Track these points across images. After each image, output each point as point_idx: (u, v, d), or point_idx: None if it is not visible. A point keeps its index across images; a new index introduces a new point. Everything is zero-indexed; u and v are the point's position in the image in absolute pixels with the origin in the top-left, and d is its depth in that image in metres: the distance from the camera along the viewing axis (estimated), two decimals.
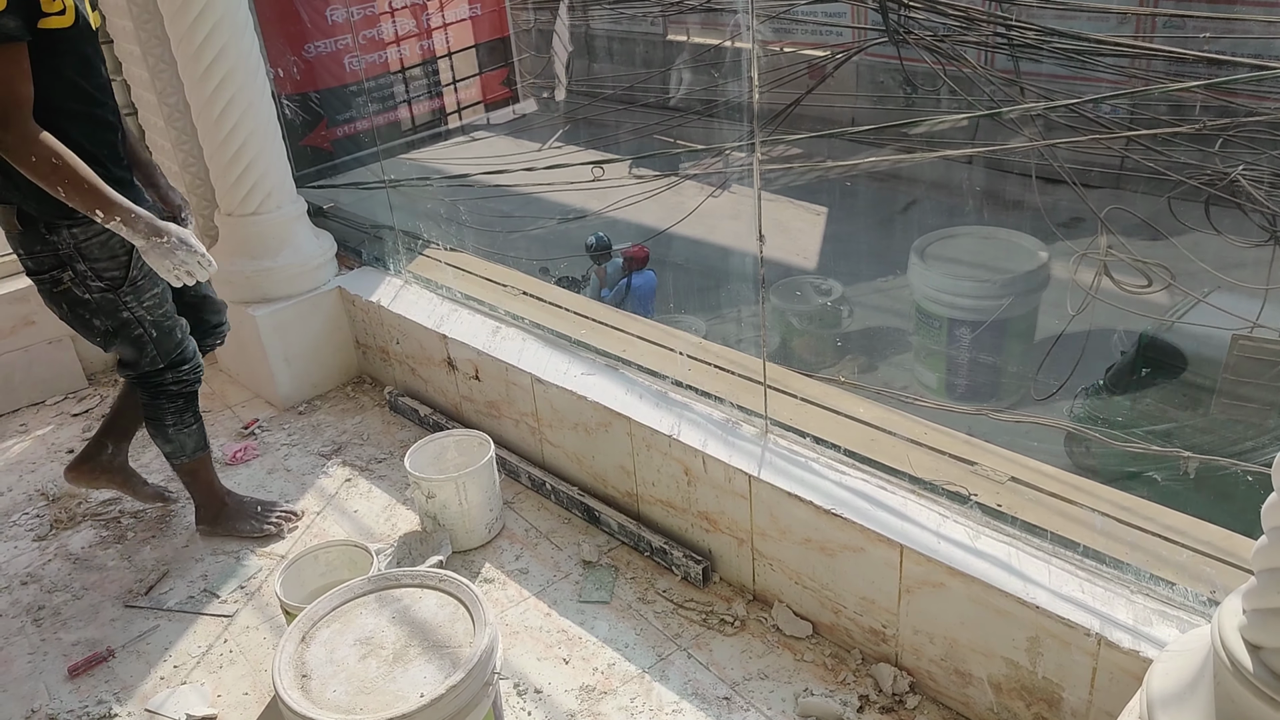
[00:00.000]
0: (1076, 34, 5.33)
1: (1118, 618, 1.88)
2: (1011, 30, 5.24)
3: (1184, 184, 4.74)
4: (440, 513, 2.73)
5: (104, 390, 3.98)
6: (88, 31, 2.31)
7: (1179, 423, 4.27)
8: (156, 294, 2.54)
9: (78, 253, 2.40)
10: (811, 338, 7.29)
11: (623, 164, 8.31)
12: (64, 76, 2.28)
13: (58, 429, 3.74)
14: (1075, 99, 5.20)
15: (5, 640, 2.65)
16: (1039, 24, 5.27)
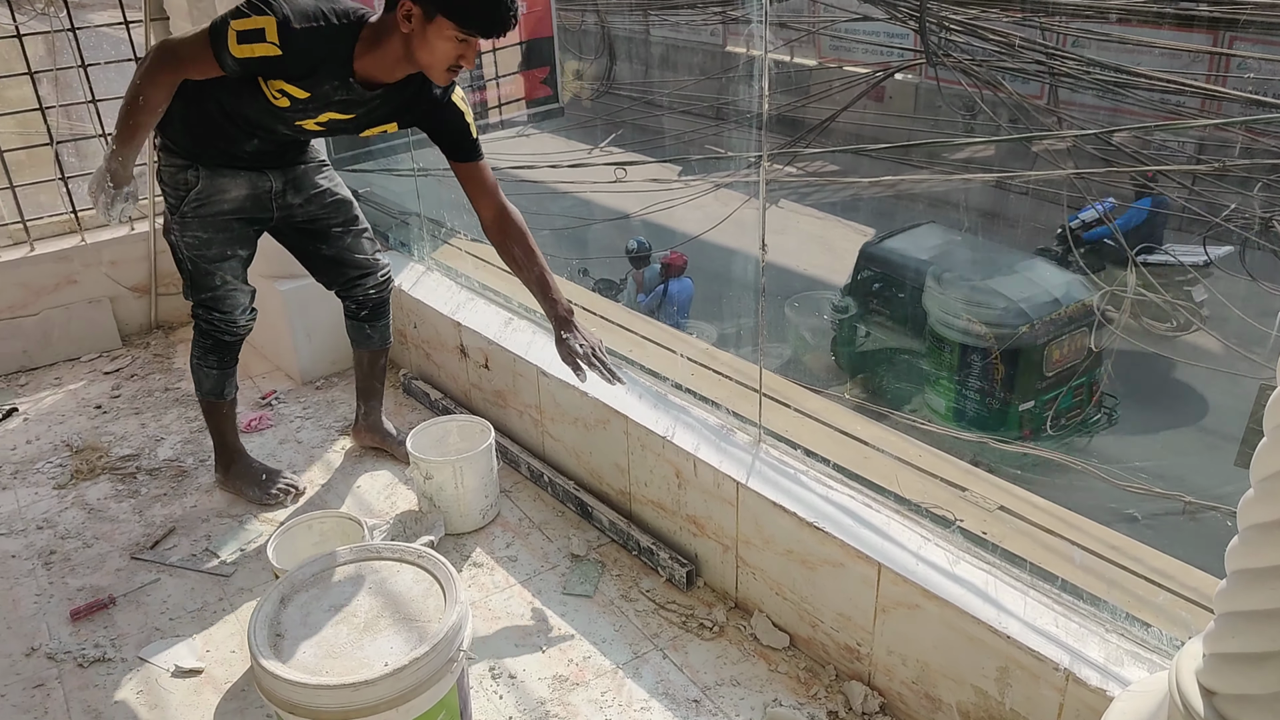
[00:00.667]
0: (1116, 66, 5.27)
1: (1089, 655, 1.87)
2: (1052, 59, 5.20)
3: (1218, 225, 4.67)
4: (436, 494, 2.77)
5: (136, 351, 4.09)
6: (289, 124, 2.50)
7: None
8: (201, 237, 2.70)
9: (159, 175, 2.70)
10: (823, 353, 7.26)
11: (665, 167, 8.36)
12: (241, 103, 2.47)
13: (89, 385, 3.84)
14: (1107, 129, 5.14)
15: (16, 580, 2.75)
16: (1081, 55, 5.23)
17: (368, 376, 3.19)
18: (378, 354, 3.17)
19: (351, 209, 2.92)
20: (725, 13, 8.92)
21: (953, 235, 7.32)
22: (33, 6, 3.91)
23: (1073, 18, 5.93)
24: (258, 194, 2.70)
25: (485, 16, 2.22)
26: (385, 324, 3.13)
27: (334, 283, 3.01)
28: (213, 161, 2.62)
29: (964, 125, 8.28)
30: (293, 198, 2.78)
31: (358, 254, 2.95)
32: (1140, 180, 6.25)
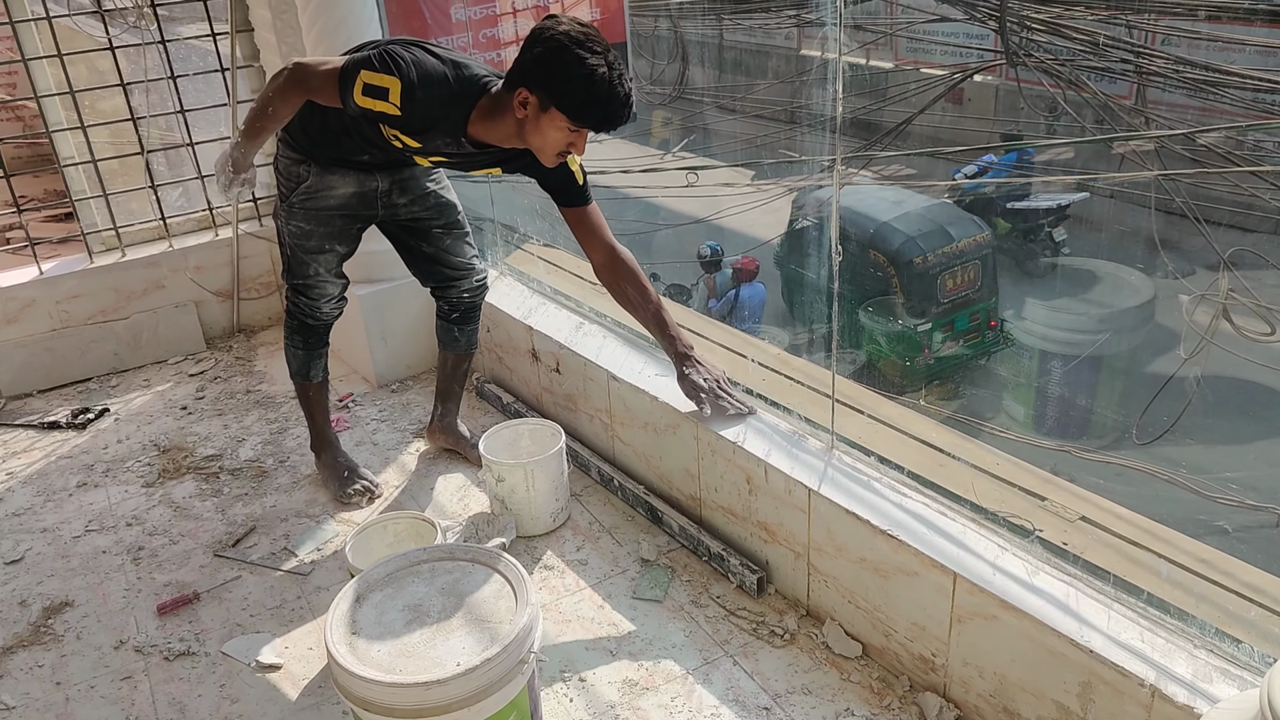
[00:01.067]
0: (1205, 64, 5.09)
1: (1176, 671, 1.80)
2: (1139, 57, 5.04)
3: None
4: (508, 497, 2.79)
5: (220, 354, 4.21)
6: (407, 158, 2.64)
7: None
8: (304, 228, 2.81)
9: (275, 164, 2.82)
10: (899, 359, 7.17)
11: (737, 172, 8.33)
12: (363, 129, 2.56)
13: (175, 386, 3.97)
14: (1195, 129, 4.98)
15: (106, 575, 2.84)
16: (1170, 53, 5.07)
17: (449, 379, 3.24)
18: (462, 358, 3.23)
19: (455, 212, 2.99)
20: (799, 16, 8.88)
21: (904, 193, 7.57)
22: (125, 20, 4.04)
23: (1161, 15, 5.76)
24: (364, 192, 2.79)
25: (599, 116, 2.26)
26: (474, 329, 3.19)
27: (429, 280, 3.09)
28: (326, 160, 2.73)
29: (1046, 127, 8.09)
30: (398, 198, 2.85)
31: (456, 256, 3.02)
32: (1012, 134, 6.96)
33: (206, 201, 4.32)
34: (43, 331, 3.98)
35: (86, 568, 2.89)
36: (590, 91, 2.19)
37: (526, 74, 2.25)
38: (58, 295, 4.00)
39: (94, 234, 4.14)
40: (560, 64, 2.19)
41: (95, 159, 4.04)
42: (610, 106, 2.23)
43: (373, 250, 3.62)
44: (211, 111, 4.32)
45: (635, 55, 5.00)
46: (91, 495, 3.25)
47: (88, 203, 4.14)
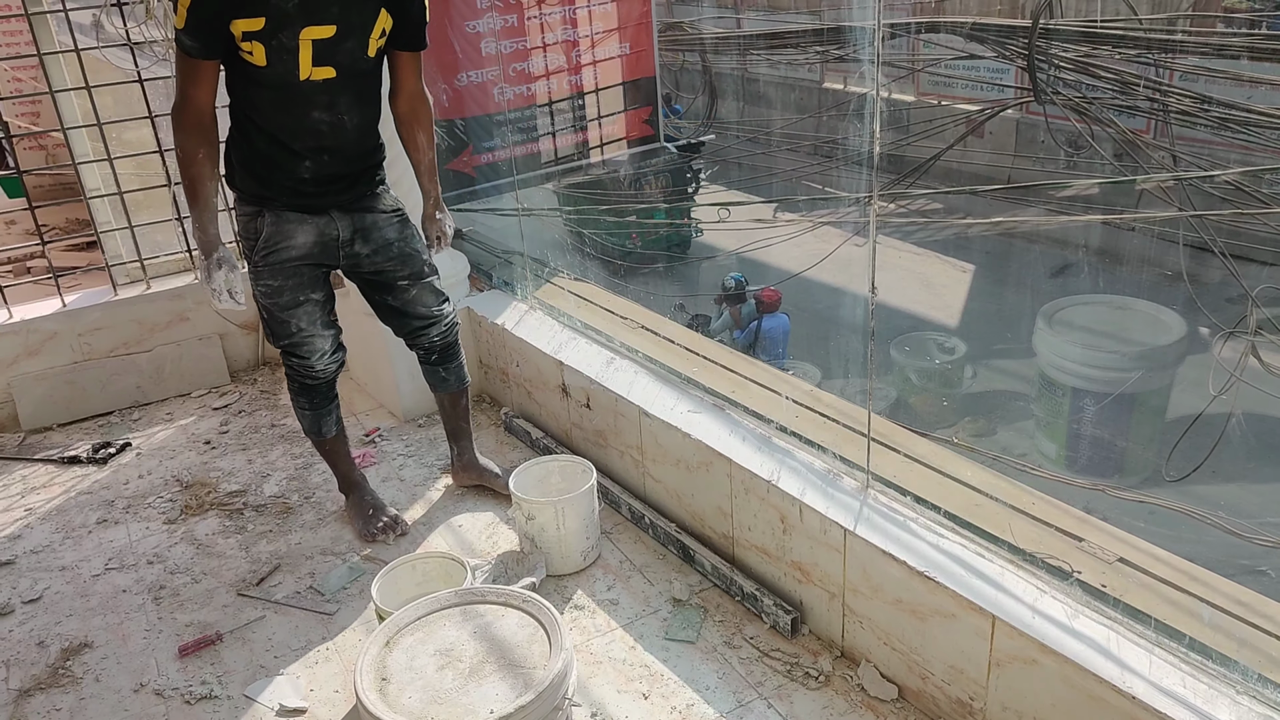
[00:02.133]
0: (1232, 102, 5.11)
1: (1219, 718, 1.78)
2: (1167, 96, 5.06)
3: None
4: (538, 535, 2.78)
5: (244, 388, 4.22)
6: (291, 80, 2.53)
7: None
8: (273, 285, 2.76)
9: (234, 229, 2.81)
10: (931, 396, 7.16)
11: (763, 205, 8.39)
12: (257, 99, 2.58)
13: (199, 420, 3.98)
14: (1221, 170, 4.99)
15: (126, 615, 2.83)
16: (1196, 90, 5.08)
17: (452, 418, 3.25)
18: (457, 395, 3.21)
19: (418, 263, 2.94)
20: (828, 51, 8.98)
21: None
22: (154, 52, 4.09)
23: (1183, 53, 5.79)
24: (325, 241, 2.75)
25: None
26: (458, 364, 3.17)
27: (400, 331, 3.07)
28: (279, 203, 2.69)
29: (1067, 161, 8.12)
30: (360, 247, 2.81)
31: (422, 306, 2.99)
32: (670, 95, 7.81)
33: (233, 233, 4.35)
34: (64, 364, 4.00)
35: (106, 607, 2.87)
36: None
37: None
38: (80, 327, 4.02)
39: (118, 265, 4.17)
40: None
41: (121, 190, 4.08)
42: None
43: None
44: None
45: (663, 88, 5.03)
46: (112, 532, 3.24)
47: (113, 234, 4.17)
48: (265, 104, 2.58)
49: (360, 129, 2.72)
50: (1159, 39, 5.64)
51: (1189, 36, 6.31)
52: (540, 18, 4.33)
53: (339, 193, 2.75)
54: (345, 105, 2.64)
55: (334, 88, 2.59)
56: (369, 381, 4.04)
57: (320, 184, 2.71)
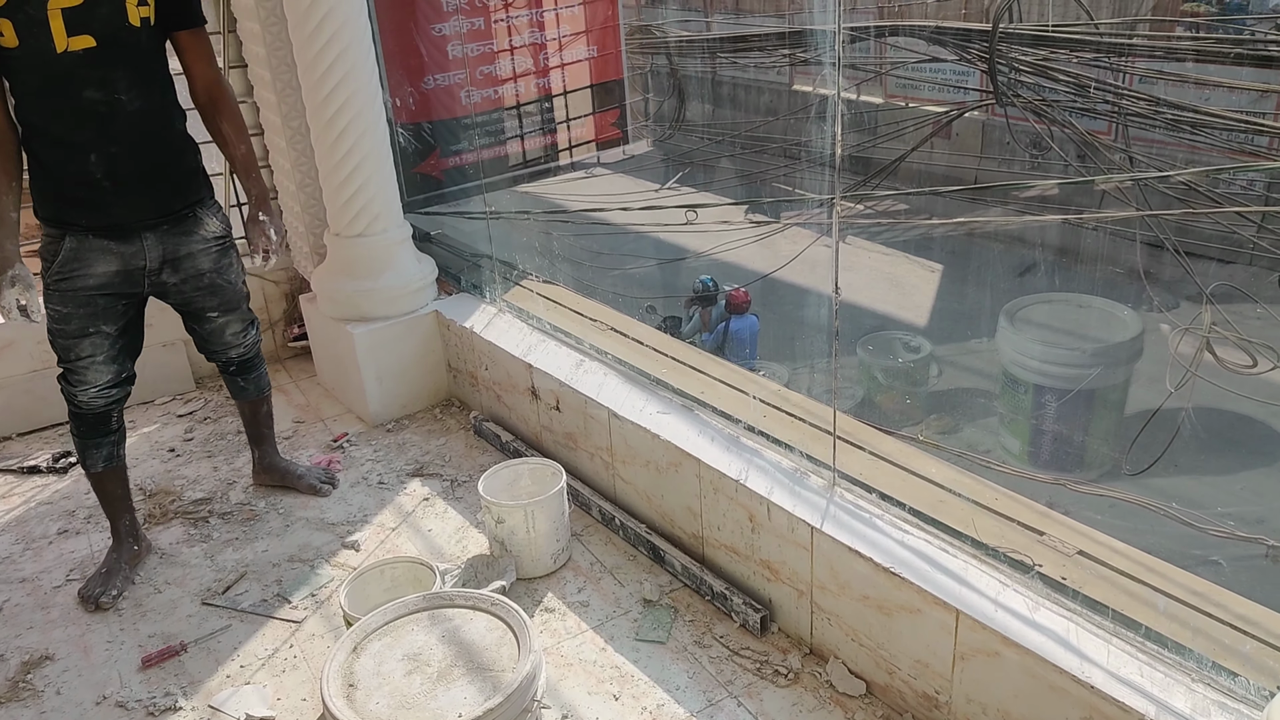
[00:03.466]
0: (1189, 105, 5.21)
1: (1175, 705, 1.82)
2: (1121, 98, 5.16)
3: None
4: (508, 539, 2.79)
5: (209, 394, 4.19)
6: (49, 55, 2.43)
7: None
8: (61, 311, 2.68)
9: (40, 240, 2.68)
10: (896, 394, 7.25)
11: (733, 207, 8.44)
12: (26, 93, 2.49)
13: (163, 428, 3.94)
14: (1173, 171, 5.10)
15: (88, 627, 2.79)
16: (1150, 94, 5.18)
17: (253, 424, 3.26)
18: (258, 403, 3.22)
19: (230, 294, 2.89)
20: (794, 55, 9.05)
21: None
22: None
23: (1140, 57, 5.91)
24: (129, 271, 2.67)
25: None
26: (258, 374, 3.16)
27: (201, 350, 3.07)
28: (83, 225, 2.59)
29: (1032, 162, 8.24)
30: (169, 277, 2.75)
31: (227, 333, 2.99)
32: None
33: None
34: (22, 373, 3.94)
35: (67, 619, 2.83)
36: None
37: None
38: (38, 335, 3.94)
39: None
40: None
41: None
42: None
43: (365, 288, 3.67)
44: (203, 147, 4.33)
45: (632, 91, 5.06)
46: (73, 543, 3.20)
47: None
48: (32, 95, 2.47)
49: (146, 114, 2.57)
50: (1116, 43, 5.75)
51: (1146, 40, 6.43)
52: (507, 21, 4.35)
53: (147, 207, 2.64)
54: (121, 84, 2.51)
55: (101, 60, 2.47)
56: (336, 386, 4.03)
57: (120, 190, 2.59)
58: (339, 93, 3.38)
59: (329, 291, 3.76)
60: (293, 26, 3.38)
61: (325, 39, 3.30)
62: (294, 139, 3.93)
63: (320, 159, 3.58)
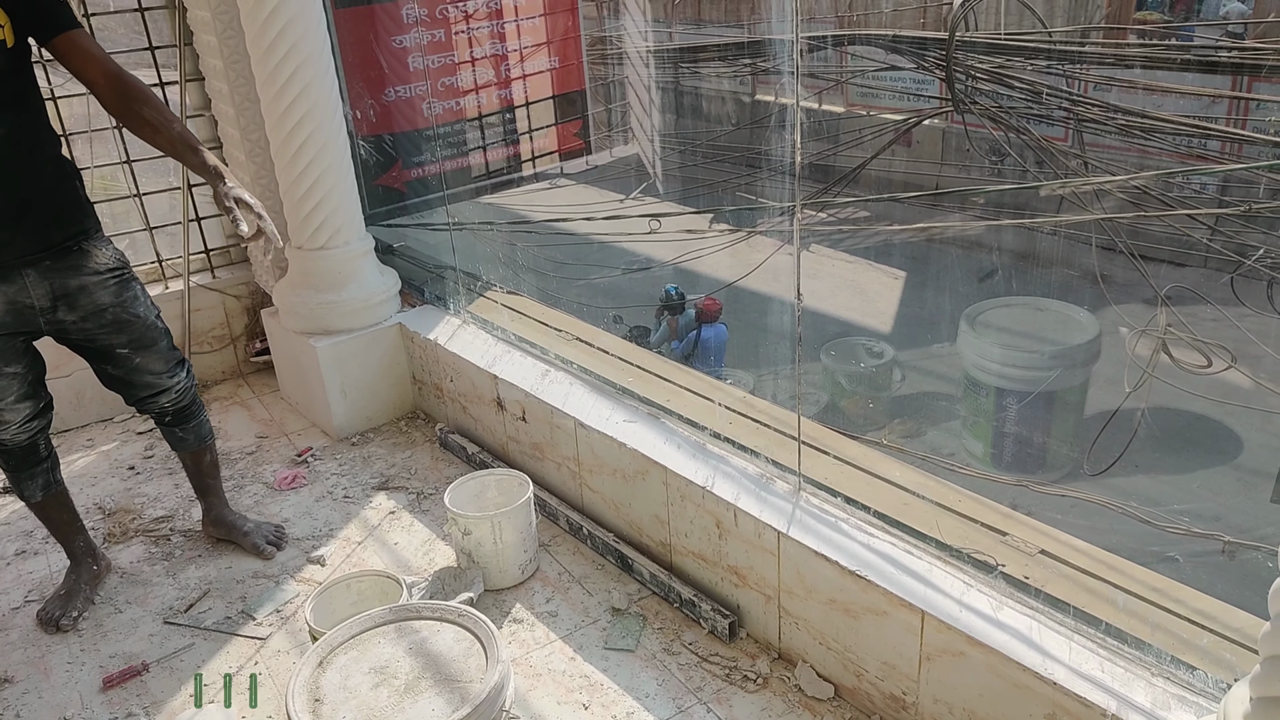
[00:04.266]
0: (1141, 112, 5.32)
1: (1136, 700, 1.85)
2: (1075, 105, 5.25)
3: (1246, 264, 4.69)
4: (475, 550, 2.78)
5: None
6: None
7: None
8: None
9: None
10: (860, 399, 7.31)
11: (697, 216, 8.47)
12: None
13: (122, 445, 3.89)
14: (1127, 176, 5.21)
15: (47, 648, 2.75)
16: (1104, 100, 5.28)
17: (196, 474, 3.07)
18: (199, 453, 3.02)
19: (139, 328, 2.68)
20: (755, 64, 9.11)
21: None
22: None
23: (1093, 64, 6.03)
24: (18, 308, 2.51)
25: None
26: (198, 423, 2.96)
27: (127, 400, 2.84)
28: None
29: (992, 169, 8.36)
30: (65, 314, 2.57)
31: (148, 374, 2.75)
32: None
33: (155, 253, 4.27)
34: None
35: (27, 641, 2.79)
36: None
37: None
38: None
39: None
40: None
41: None
42: None
43: (328, 301, 3.65)
44: (160, 162, 4.30)
45: (594, 102, 5.08)
46: (31, 564, 3.16)
47: None
48: None
49: (9, 143, 2.40)
50: (1070, 50, 5.86)
51: (1101, 48, 6.56)
52: (468, 32, 4.35)
53: (21, 242, 2.46)
54: None
55: None
56: (300, 401, 4.00)
57: (14, 265, 2.45)
58: (299, 105, 3.36)
59: (291, 305, 3.73)
60: (250, 39, 3.36)
61: (284, 51, 3.28)
62: (253, 152, 3.91)
63: (280, 172, 3.55)
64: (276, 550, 3.11)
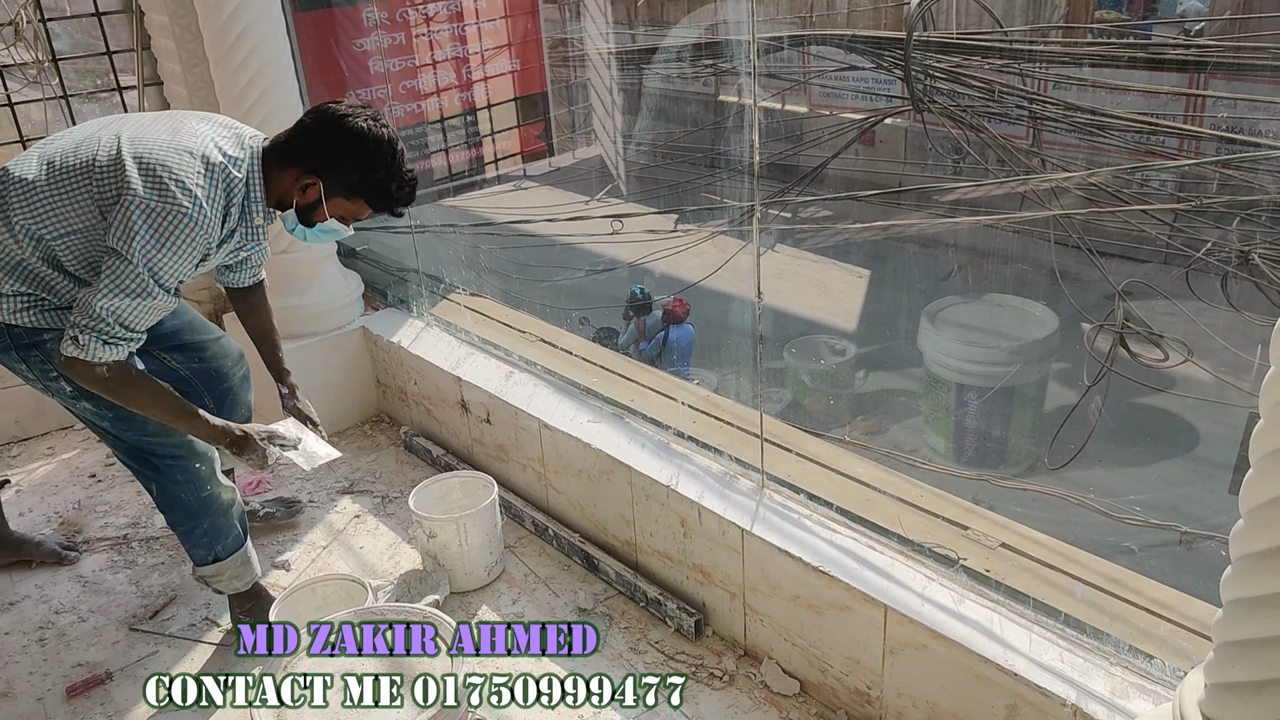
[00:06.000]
0: (1094, 109, 5.40)
1: (1095, 689, 1.88)
2: (1033, 103, 5.32)
3: (1200, 259, 4.78)
4: (440, 552, 2.78)
5: None
6: None
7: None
8: None
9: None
10: (823, 397, 7.35)
11: (660, 216, 8.48)
12: None
13: (82, 454, 3.84)
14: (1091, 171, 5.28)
15: (9, 659, 2.72)
16: (1060, 99, 5.36)
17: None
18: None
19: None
20: (716, 65, 9.13)
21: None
22: (24, 74, 3.96)
23: (1051, 63, 6.11)
24: None
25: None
26: None
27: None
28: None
29: (952, 168, 8.44)
30: None
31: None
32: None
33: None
34: None
35: None
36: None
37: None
38: None
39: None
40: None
41: None
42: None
43: (290, 305, 3.62)
44: None
45: (557, 104, 5.08)
46: None
47: None
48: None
49: None
50: (1027, 49, 5.94)
51: (1058, 47, 6.65)
52: (429, 35, 4.33)
53: None
54: None
55: None
56: (263, 405, 3.96)
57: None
58: (258, 108, 3.34)
59: None
60: (209, 42, 3.33)
61: (243, 55, 3.26)
62: None
63: None
64: (77, 555, 3.12)
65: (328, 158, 2.21)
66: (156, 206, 2.04)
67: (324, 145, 2.20)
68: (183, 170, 2.09)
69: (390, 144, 2.20)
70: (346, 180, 2.23)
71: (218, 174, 2.16)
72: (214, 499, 2.46)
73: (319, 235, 2.37)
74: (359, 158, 2.19)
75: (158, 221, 2.04)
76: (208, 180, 2.13)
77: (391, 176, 2.23)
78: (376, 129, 2.18)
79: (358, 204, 2.28)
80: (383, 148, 2.19)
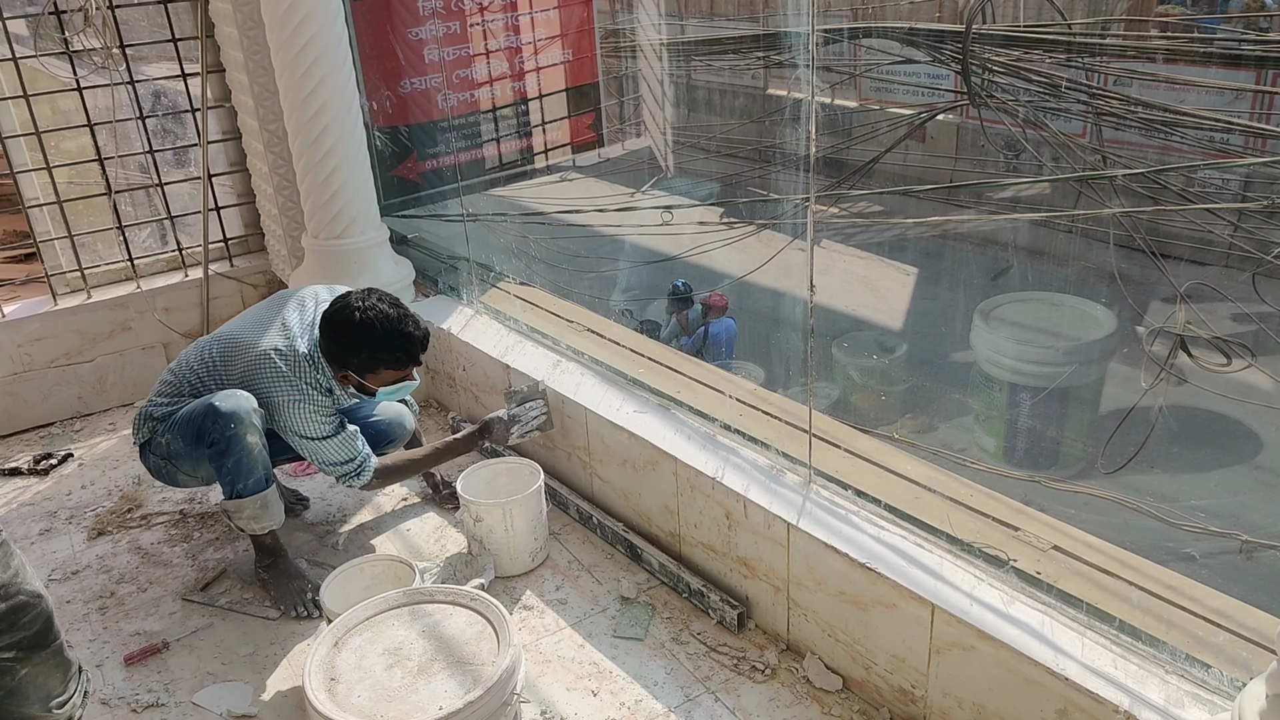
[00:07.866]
0: (1162, 105, 5.27)
1: (1149, 697, 1.84)
2: (1095, 99, 5.21)
3: (1268, 261, 4.65)
4: (486, 537, 2.79)
5: None
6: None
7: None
8: None
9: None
10: (872, 393, 7.28)
11: (708, 209, 8.45)
12: None
13: None
14: (1153, 168, 5.16)
15: (70, 626, 2.78)
16: (1125, 94, 5.24)
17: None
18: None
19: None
20: (768, 58, 9.07)
21: None
22: (93, 60, 4.03)
23: (1116, 58, 5.97)
24: None
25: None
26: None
27: None
28: None
29: (1007, 164, 8.30)
30: None
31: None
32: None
33: (176, 242, 4.30)
34: (3, 375, 3.92)
35: None
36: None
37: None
38: (20, 338, 3.95)
39: (58, 275, 4.10)
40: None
41: (60, 199, 4.01)
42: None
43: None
44: (182, 151, 4.32)
45: (607, 95, 5.07)
46: (54, 543, 3.19)
47: (52, 244, 4.10)
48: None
49: None
50: (1089, 43, 5.81)
51: (1120, 41, 6.49)
52: (483, 25, 4.34)
53: None
54: None
55: None
56: None
57: None
58: (316, 96, 3.38)
59: None
60: (270, 30, 3.37)
61: (303, 42, 3.30)
62: (271, 142, 3.92)
63: (298, 162, 3.57)
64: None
65: (342, 351, 2.67)
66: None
67: (334, 344, 2.67)
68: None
69: (378, 321, 2.61)
70: (362, 361, 2.66)
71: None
72: (238, 439, 2.64)
73: (386, 396, 2.78)
74: (358, 344, 2.63)
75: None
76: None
77: (392, 346, 2.64)
78: (362, 314, 2.60)
79: (385, 373, 2.69)
80: (374, 328, 2.61)
